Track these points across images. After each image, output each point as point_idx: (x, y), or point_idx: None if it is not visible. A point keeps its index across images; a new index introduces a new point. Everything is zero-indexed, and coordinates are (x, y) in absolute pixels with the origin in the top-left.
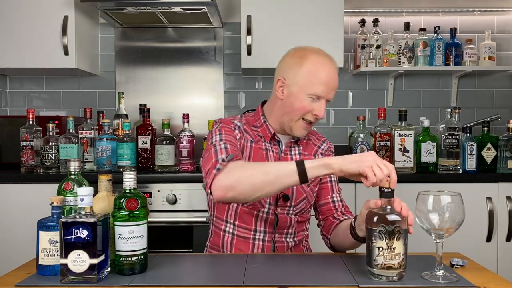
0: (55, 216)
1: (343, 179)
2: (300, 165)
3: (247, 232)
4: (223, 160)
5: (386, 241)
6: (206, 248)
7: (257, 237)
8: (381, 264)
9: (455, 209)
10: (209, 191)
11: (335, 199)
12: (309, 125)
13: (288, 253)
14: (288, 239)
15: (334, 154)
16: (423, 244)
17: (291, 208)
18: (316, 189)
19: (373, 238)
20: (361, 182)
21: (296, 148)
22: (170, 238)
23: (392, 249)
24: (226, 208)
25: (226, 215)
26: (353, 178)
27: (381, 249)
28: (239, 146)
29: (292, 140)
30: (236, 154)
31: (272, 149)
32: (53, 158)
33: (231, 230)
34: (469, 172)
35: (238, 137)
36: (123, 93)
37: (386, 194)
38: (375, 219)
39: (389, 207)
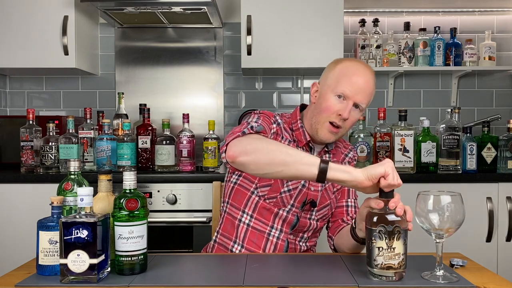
0: (55, 216)
1: None
2: (324, 163)
3: (263, 226)
4: (252, 127)
5: (386, 241)
6: (216, 235)
7: (272, 233)
8: (381, 264)
9: (455, 209)
10: (225, 148)
11: (349, 203)
12: (336, 129)
13: (287, 253)
14: (301, 243)
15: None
16: (423, 244)
17: (314, 213)
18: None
19: (373, 238)
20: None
21: (327, 155)
22: (170, 238)
23: (392, 249)
24: (245, 198)
25: (244, 206)
26: (368, 190)
27: (381, 249)
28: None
29: (325, 149)
30: (265, 131)
31: None
32: (53, 158)
33: (247, 221)
34: (469, 172)
35: (273, 131)
36: (123, 93)
37: (386, 194)
38: (375, 219)
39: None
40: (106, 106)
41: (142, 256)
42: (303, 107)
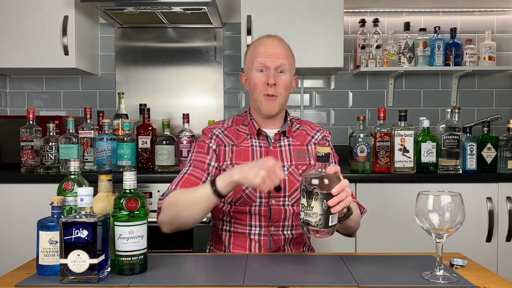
0: (55, 216)
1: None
2: (213, 185)
3: (242, 227)
4: (162, 195)
5: (306, 199)
6: (211, 243)
7: (252, 231)
8: (303, 219)
9: (455, 209)
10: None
11: None
12: (272, 97)
13: (287, 253)
14: (285, 232)
15: (331, 142)
16: (423, 244)
17: (286, 198)
18: None
19: (300, 195)
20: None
21: (286, 139)
22: (170, 238)
23: (310, 208)
24: (220, 209)
25: (222, 215)
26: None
27: (303, 205)
28: (216, 153)
29: (278, 132)
30: (183, 183)
31: (260, 144)
32: (53, 158)
33: (228, 228)
34: (469, 172)
35: (215, 146)
36: (123, 93)
37: (320, 158)
38: (302, 178)
39: (324, 170)
40: (106, 106)
41: (142, 256)
42: None
